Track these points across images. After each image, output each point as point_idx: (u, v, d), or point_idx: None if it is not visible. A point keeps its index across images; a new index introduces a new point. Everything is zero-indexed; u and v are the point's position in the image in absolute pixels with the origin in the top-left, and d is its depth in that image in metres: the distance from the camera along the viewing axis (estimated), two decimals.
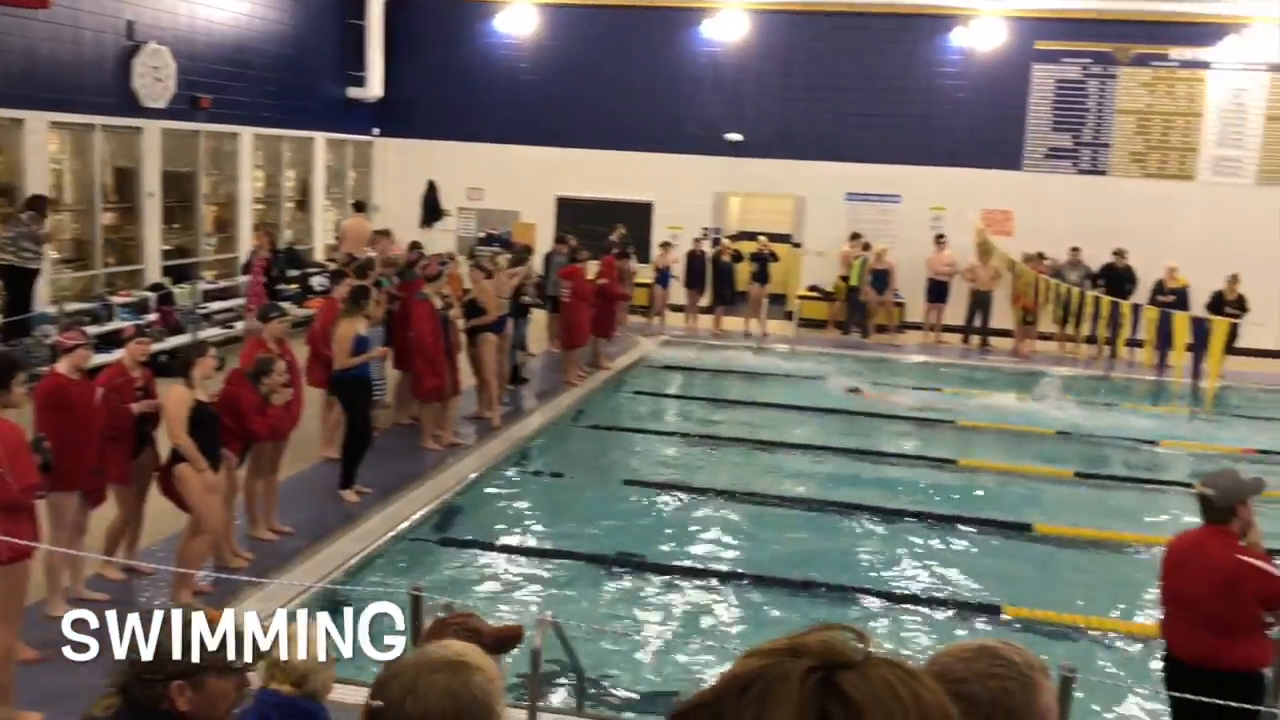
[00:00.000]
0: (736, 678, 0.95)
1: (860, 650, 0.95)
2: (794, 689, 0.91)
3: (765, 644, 0.98)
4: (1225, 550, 4.72)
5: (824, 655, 0.93)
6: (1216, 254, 17.61)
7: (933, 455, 11.91)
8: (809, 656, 0.93)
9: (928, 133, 19.53)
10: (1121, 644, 7.37)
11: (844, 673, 0.92)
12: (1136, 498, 10.79)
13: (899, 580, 8.49)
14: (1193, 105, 18.87)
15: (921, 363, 17.48)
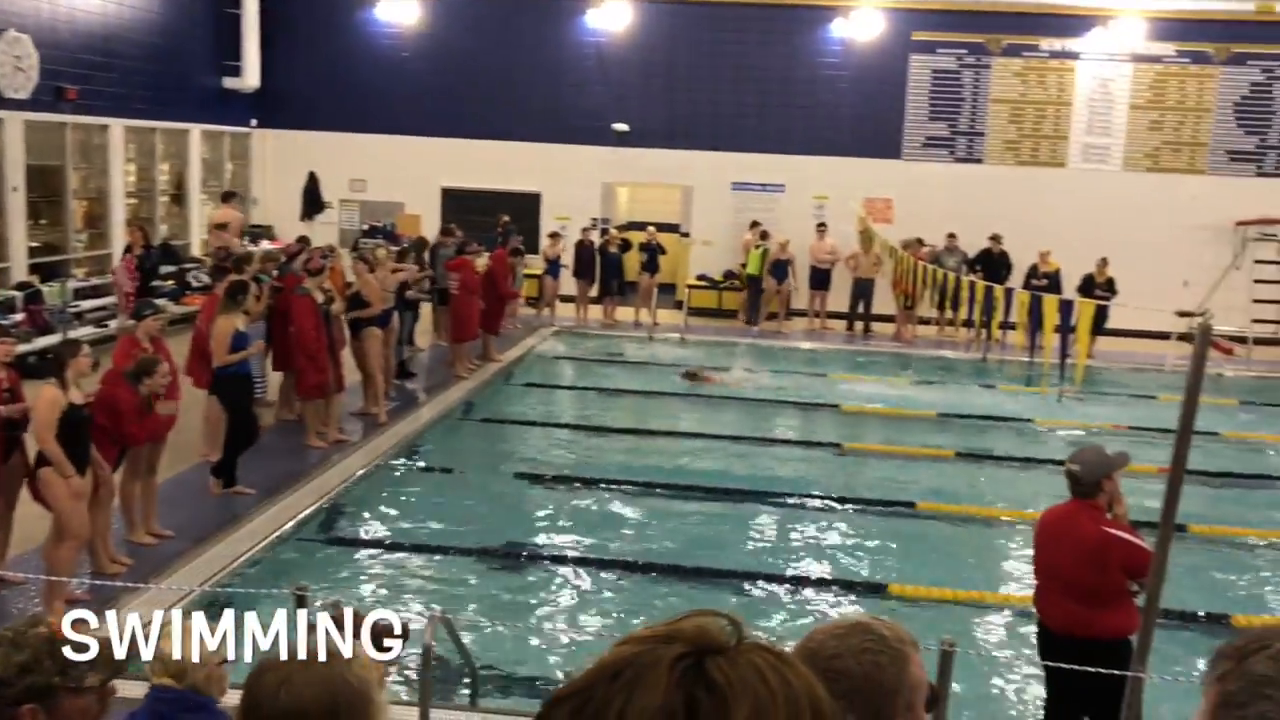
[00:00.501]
0: (608, 664, 0.95)
1: (733, 636, 0.95)
2: (663, 675, 0.91)
3: (642, 630, 0.98)
4: (1092, 523, 4.91)
5: (696, 641, 0.94)
6: (1087, 238, 18.30)
7: (818, 440, 12.13)
8: (681, 643, 0.94)
9: (811, 123, 19.84)
10: (1001, 616, 7.61)
11: (714, 659, 0.92)
12: (1013, 475, 11.14)
13: (789, 563, 8.63)
14: (1062, 94, 19.53)
15: (809, 349, 17.76)
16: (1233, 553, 9.25)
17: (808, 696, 0.93)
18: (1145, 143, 19.48)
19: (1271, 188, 19.09)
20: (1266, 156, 19.31)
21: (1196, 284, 18.63)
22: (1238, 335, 18.23)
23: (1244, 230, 18.95)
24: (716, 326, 18.98)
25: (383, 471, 10.36)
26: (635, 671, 0.93)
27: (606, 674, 0.94)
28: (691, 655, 0.92)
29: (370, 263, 12.03)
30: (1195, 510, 9.80)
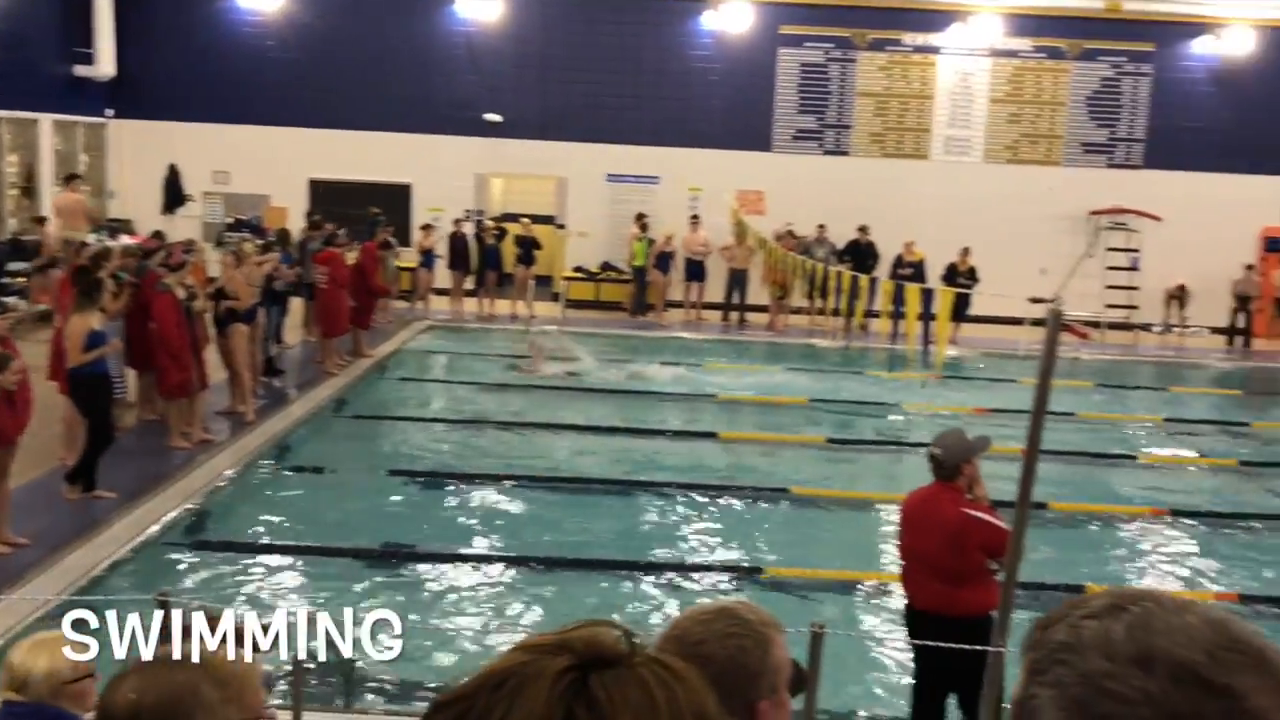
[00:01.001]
0: (493, 673, 0.94)
1: (626, 647, 0.95)
2: (544, 688, 0.90)
3: (534, 638, 0.97)
4: (952, 505, 5.07)
5: (585, 653, 0.93)
6: (950, 228, 18.89)
7: (696, 429, 12.26)
8: (569, 654, 0.93)
9: (684, 115, 19.99)
10: (872, 596, 7.81)
11: (600, 673, 0.91)
12: (882, 459, 11.45)
13: (668, 551, 8.70)
14: (925, 88, 20.08)
15: (686, 339, 17.91)
16: (1090, 528, 9.65)
17: (695, 714, 0.92)
18: (1004, 135, 20.17)
19: (1122, 179, 19.98)
20: (1117, 149, 20.19)
21: (1053, 272, 19.34)
22: (1092, 320, 19.03)
23: (1097, 220, 19.79)
24: (594, 318, 19.00)
25: (251, 472, 10.09)
26: (518, 682, 0.91)
27: (490, 683, 0.93)
28: (577, 668, 0.91)
29: (237, 257, 11.69)
30: (1055, 488, 10.25)
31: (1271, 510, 10.28)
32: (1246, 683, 0.84)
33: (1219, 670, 0.84)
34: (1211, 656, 0.85)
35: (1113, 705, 0.85)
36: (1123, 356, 17.89)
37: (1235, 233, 19.44)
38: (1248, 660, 0.86)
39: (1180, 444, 12.80)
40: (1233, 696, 0.83)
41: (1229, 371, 17.73)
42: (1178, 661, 0.85)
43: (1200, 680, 0.84)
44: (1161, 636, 0.87)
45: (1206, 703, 0.83)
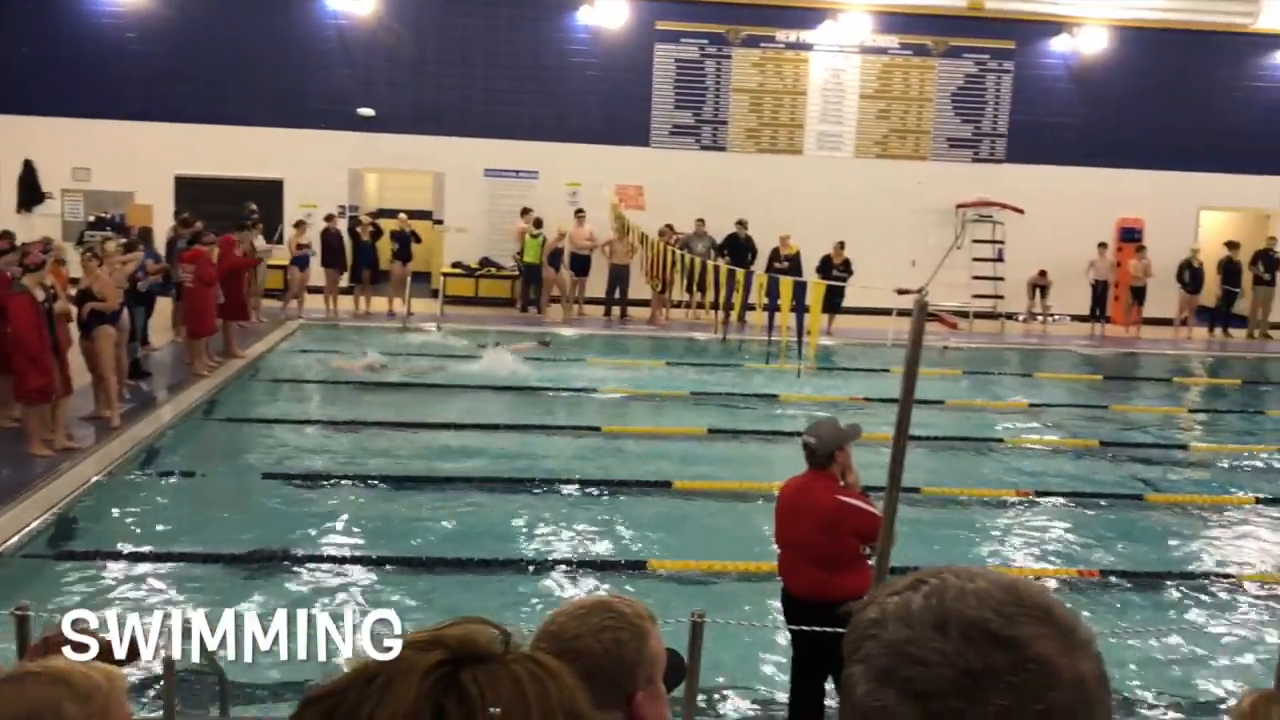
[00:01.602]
0: (365, 669, 0.95)
1: (500, 645, 0.96)
2: (414, 682, 0.91)
3: (410, 635, 0.98)
4: (826, 492, 5.19)
5: (458, 649, 0.94)
6: (824, 222, 19.29)
7: (579, 424, 12.27)
8: (442, 650, 0.94)
9: (562, 109, 19.97)
10: (754, 584, 7.93)
11: (471, 668, 0.92)
12: (762, 449, 11.61)
13: (553, 548, 8.68)
14: (798, 84, 20.44)
15: (569, 335, 17.90)
16: (960, 510, 9.97)
17: (566, 711, 0.94)
18: (874, 131, 20.67)
19: (986, 172, 20.68)
20: (981, 143, 20.87)
21: (923, 263, 19.92)
22: (960, 310, 19.66)
23: (964, 212, 20.44)
24: (474, 315, 18.84)
25: (118, 479, 9.73)
26: (388, 677, 0.92)
27: (361, 678, 0.93)
28: (449, 664, 0.92)
29: (99, 256, 11.26)
30: (927, 473, 10.57)
31: (1129, 490, 10.77)
32: (1031, 633, 0.91)
33: (1005, 625, 0.91)
34: (999, 614, 0.92)
35: (914, 668, 0.91)
36: (989, 344, 18.52)
37: (1093, 224, 20.30)
38: (1033, 614, 0.93)
39: (1044, 427, 13.32)
40: (1018, 646, 0.90)
41: (1089, 357, 18.50)
42: (969, 621, 0.92)
43: (989, 635, 0.91)
44: (955, 601, 0.93)
45: (995, 655, 0.90)
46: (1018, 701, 0.89)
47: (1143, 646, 7.00)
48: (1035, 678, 0.90)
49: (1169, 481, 11.22)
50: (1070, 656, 0.92)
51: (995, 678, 0.90)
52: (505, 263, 20.05)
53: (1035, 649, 0.91)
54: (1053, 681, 0.90)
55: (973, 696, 0.89)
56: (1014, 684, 0.89)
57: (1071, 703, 0.90)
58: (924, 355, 12.20)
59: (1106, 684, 0.93)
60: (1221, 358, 19.03)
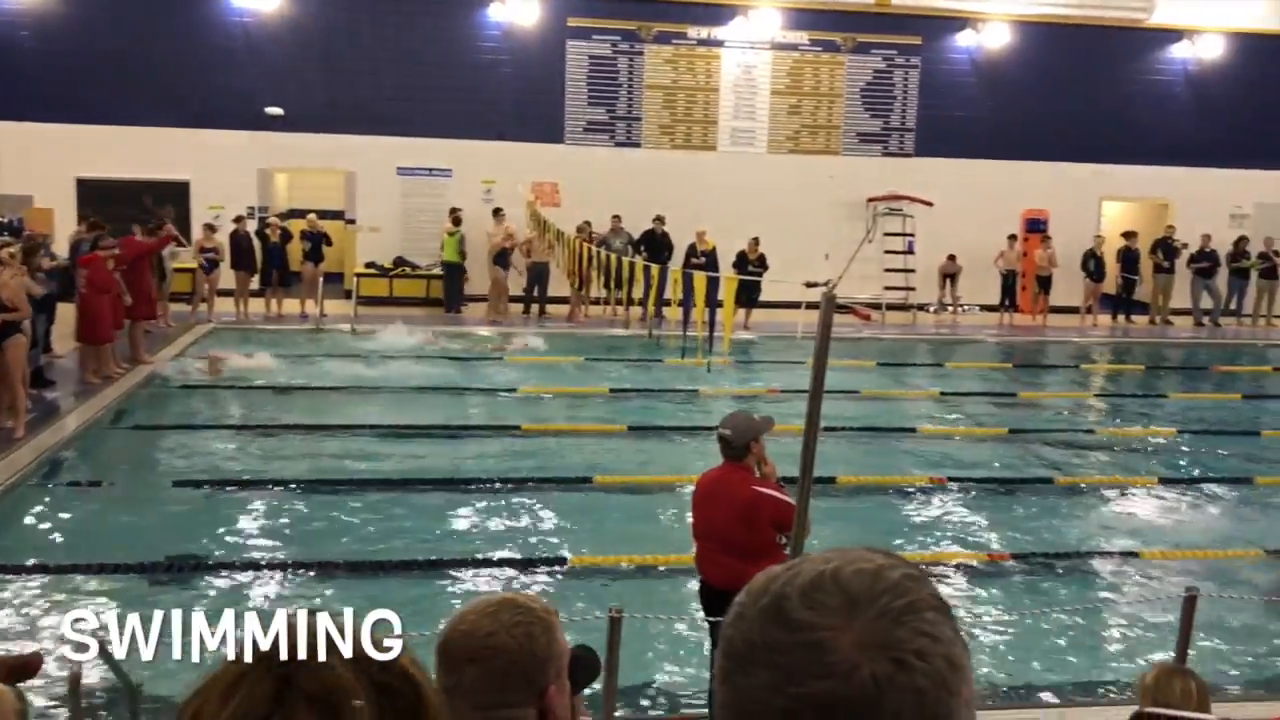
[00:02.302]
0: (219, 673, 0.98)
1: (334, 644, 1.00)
2: (347, 678, 0.97)
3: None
4: (743, 484, 5.25)
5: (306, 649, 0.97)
6: (740, 217, 19.45)
7: (499, 423, 12.21)
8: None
9: (474, 107, 19.83)
10: (673, 577, 7.97)
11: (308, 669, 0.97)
12: (681, 443, 11.68)
13: (475, 547, 8.63)
14: (710, 81, 20.57)
15: (488, 334, 17.79)
16: (875, 499, 10.14)
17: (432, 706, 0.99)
18: (786, 126, 20.88)
19: (896, 166, 21.02)
20: (890, 138, 21.21)
21: (836, 257, 20.19)
22: (873, 302, 19.96)
23: (874, 206, 20.74)
24: (389, 314, 18.62)
25: (22, 490, 9.44)
26: (235, 676, 0.97)
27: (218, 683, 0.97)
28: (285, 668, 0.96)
29: (3, 263, 10.91)
30: (843, 463, 10.73)
31: (1039, 474, 11.05)
32: (823, 621, 0.92)
33: (801, 607, 0.93)
34: (804, 596, 0.93)
35: (730, 629, 0.96)
36: (902, 335, 18.84)
37: (1000, 215, 20.75)
38: (837, 603, 0.92)
39: (956, 416, 13.59)
40: (800, 629, 0.92)
41: (998, 346, 18.92)
42: (777, 596, 0.94)
43: (781, 614, 0.93)
44: (785, 578, 0.96)
45: (775, 632, 0.92)
46: (775, 680, 0.90)
47: (1051, 626, 7.20)
48: (803, 662, 0.90)
49: (1076, 465, 11.54)
50: (862, 653, 0.90)
51: (766, 653, 0.91)
52: (420, 262, 19.87)
53: (817, 635, 0.91)
54: (821, 670, 0.89)
55: (744, 665, 0.92)
56: (779, 663, 0.90)
57: (837, 697, 0.89)
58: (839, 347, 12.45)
59: (913, 694, 0.89)
60: (1124, 344, 19.61)
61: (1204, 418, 13.94)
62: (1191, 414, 14.12)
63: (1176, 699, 3.52)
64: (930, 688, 0.90)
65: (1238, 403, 14.95)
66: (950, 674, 0.91)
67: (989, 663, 6.83)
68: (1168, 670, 3.78)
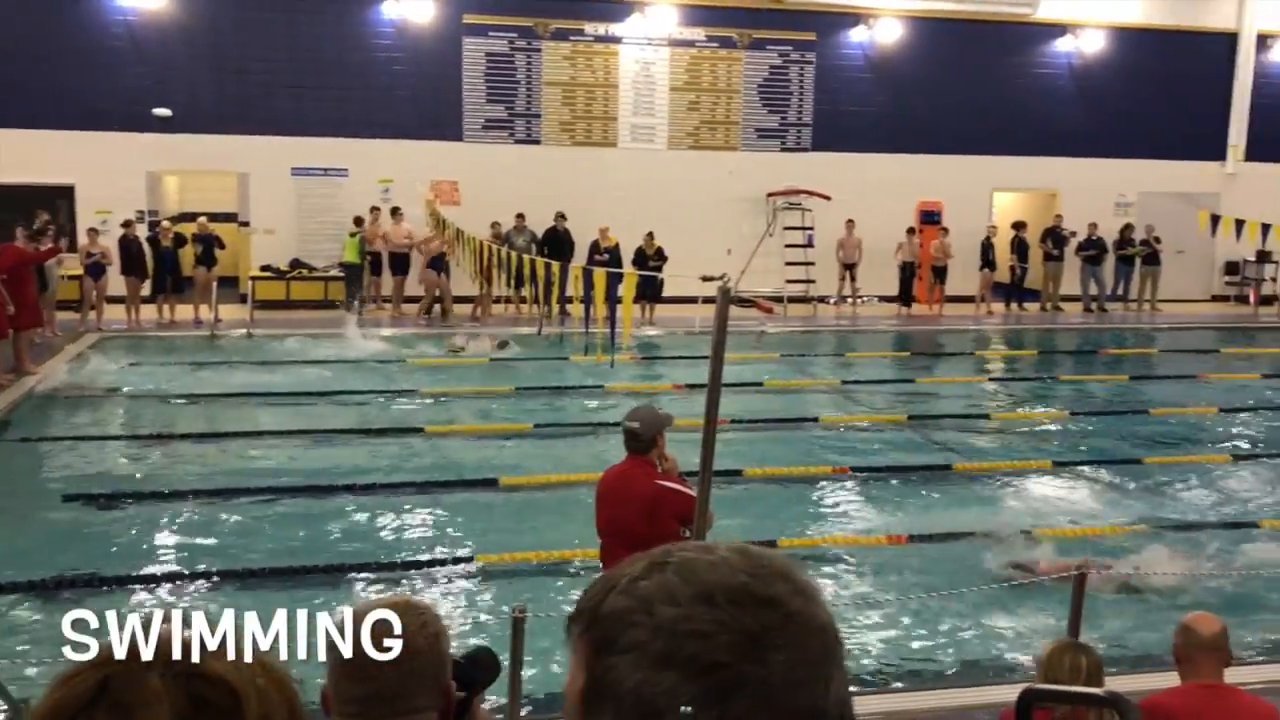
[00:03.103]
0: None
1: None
2: (155, 685, 0.95)
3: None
4: (647, 478, 5.26)
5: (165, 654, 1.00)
6: (642, 213, 19.52)
7: (403, 426, 12.06)
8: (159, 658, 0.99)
9: (369, 105, 19.55)
10: (579, 576, 7.97)
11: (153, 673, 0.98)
12: (588, 440, 11.67)
13: (381, 551, 8.51)
14: (609, 77, 20.58)
15: (390, 334, 17.55)
16: (780, 490, 10.24)
17: (279, 693, 0.99)
18: (685, 122, 21.00)
19: (794, 161, 21.29)
20: (788, 133, 21.47)
21: (739, 251, 20.39)
22: (775, 295, 20.19)
23: (774, 201, 20.99)
24: (286, 318, 18.27)
25: None
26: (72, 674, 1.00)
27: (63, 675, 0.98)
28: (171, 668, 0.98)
29: None
30: (747, 455, 10.84)
31: (938, 460, 11.29)
32: (782, 590, 0.95)
33: (763, 586, 0.95)
34: (754, 577, 0.95)
35: (695, 643, 0.91)
36: (804, 328, 19.10)
37: (896, 207, 21.16)
38: (775, 573, 0.97)
39: (857, 405, 13.82)
40: (778, 604, 0.94)
41: (897, 336, 19.30)
42: (732, 588, 0.94)
43: (754, 598, 0.93)
44: (710, 573, 0.95)
45: (765, 614, 0.93)
46: (791, 655, 0.92)
47: (948, 607, 7.36)
48: (799, 630, 0.94)
49: (973, 449, 11.82)
50: (814, 605, 0.96)
51: (771, 635, 0.92)
52: (318, 263, 19.52)
53: (791, 605, 0.94)
54: (811, 630, 0.95)
55: (757, 658, 0.91)
56: (787, 640, 0.92)
57: (825, 648, 0.95)
58: (743, 340, 12.54)
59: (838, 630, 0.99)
60: (1017, 331, 20.15)
61: (1094, 400, 14.40)
62: (1082, 397, 14.57)
63: (1065, 673, 3.62)
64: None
65: (1125, 384, 15.47)
66: None
67: (888, 645, 6.96)
68: (1060, 645, 3.90)
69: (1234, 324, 21.23)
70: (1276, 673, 6.41)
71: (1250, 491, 10.59)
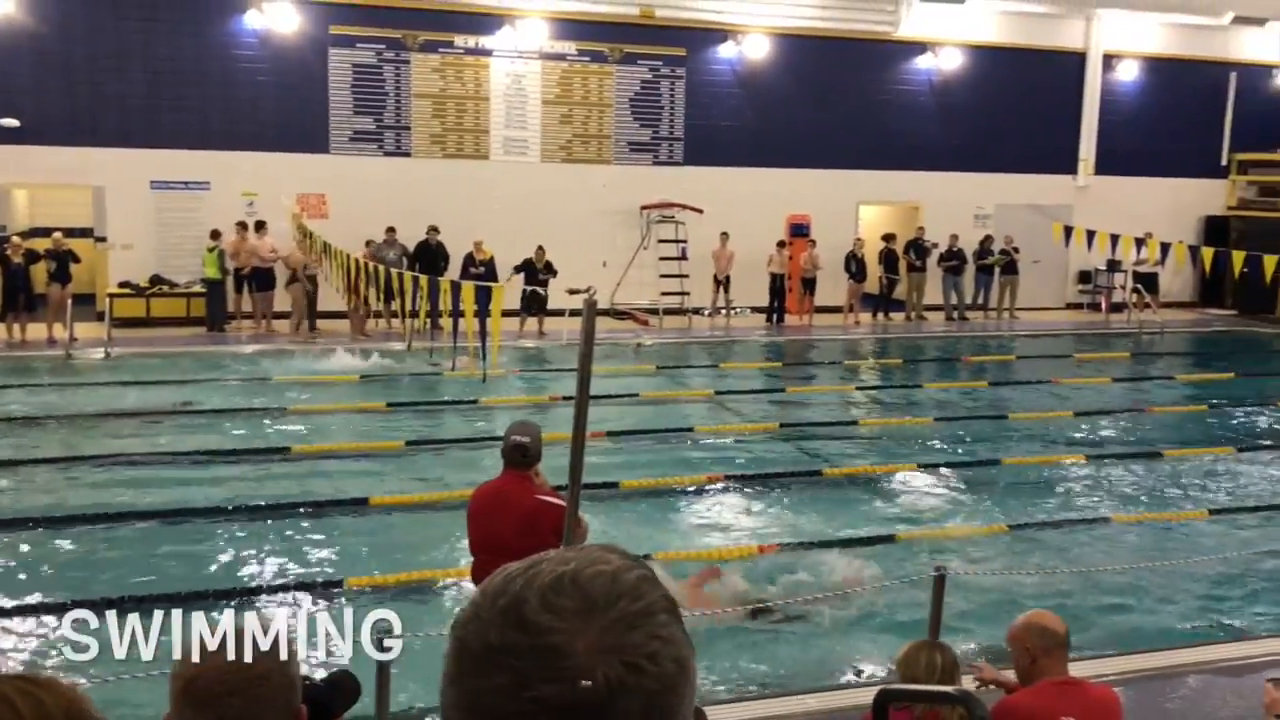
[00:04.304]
0: None
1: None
2: None
3: None
4: (526, 492, 5.22)
5: None
6: (517, 227, 19.46)
7: (267, 446, 11.74)
8: None
9: (232, 117, 19.06)
10: (450, 595, 7.88)
11: None
12: (462, 456, 11.55)
13: (245, 576, 8.28)
14: (480, 90, 20.47)
15: (254, 351, 17.09)
16: (657, 500, 10.30)
17: (64, 713, 0.95)
18: (558, 136, 21.01)
19: (667, 175, 21.49)
20: (660, 147, 21.66)
21: (614, 264, 20.49)
22: (650, 308, 20.35)
23: (648, 214, 21.14)
24: (147, 336, 17.64)
25: None
26: None
27: None
28: None
29: None
30: (625, 467, 10.88)
31: (808, 466, 11.50)
32: (560, 624, 0.93)
33: (539, 610, 0.93)
34: (542, 599, 0.94)
35: (463, 629, 0.96)
36: (679, 339, 19.26)
37: (767, 220, 21.53)
38: (575, 607, 0.94)
39: (731, 415, 14.00)
40: (537, 633, 0.93)
41: (768, 346, 19.62)
42: (515, 600, 0.95)
43: (519, 617, 0.94)
44: (523, 580, 0.97)
45: (513, 635, 0.93)
46: (512, 682, 0.91)
47: (816, 612, 7.50)
48: (538, 665, 0.91)
49: (843, 456, 12.08)
50: (594, 658, 0.92)
51: (503, 656, 0.92)
52: (179, 279, 18.91)
53: (553, 639, 0.92)
54: (554, 673, 0.91)
55: (481, 668, 0.93)
56: (515, 666, 0.92)
57: (568, 700, 0.91)
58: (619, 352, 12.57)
59: (642, 697, 0.93)
60: (884, 340, 20.68)
61: (956, 406, 14.88)
62: (945, 403, 15.03)
63: (921, 671, 3.73)
64: (659, 690, 0.93)
65: (985, 390, 16.02)
66: (678, 675, 0.95)
67: (754, 654, 7.05)
68: (917, 644, 4.01)
69: (1087, 330, 22.18)
70: (1122, 665, 6.72)
71: (1100, 489, 11.08)
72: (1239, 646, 7.06)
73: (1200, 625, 7.76)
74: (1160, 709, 6.26)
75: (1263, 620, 7.85)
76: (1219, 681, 6.52)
